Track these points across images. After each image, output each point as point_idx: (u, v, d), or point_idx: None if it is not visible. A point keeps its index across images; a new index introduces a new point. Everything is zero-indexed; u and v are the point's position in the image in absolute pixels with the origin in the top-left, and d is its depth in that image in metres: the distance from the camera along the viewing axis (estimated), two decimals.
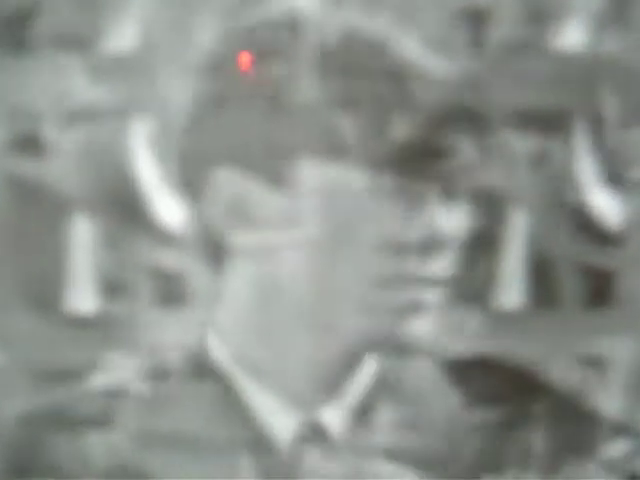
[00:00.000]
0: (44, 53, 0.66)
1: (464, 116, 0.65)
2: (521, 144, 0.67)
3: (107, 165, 0.67)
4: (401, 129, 0.64)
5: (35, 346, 0.67)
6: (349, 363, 0.65)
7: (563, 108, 0.67)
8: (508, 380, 0.66)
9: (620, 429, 0.67)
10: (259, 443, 0.65)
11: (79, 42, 0.66)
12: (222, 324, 0.65)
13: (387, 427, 0.65)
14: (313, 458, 0.65)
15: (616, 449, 0.67)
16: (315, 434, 0.65)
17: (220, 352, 0.65)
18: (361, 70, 0.63)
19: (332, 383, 0.65)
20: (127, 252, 0.67)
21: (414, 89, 0.64)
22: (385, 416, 0.65)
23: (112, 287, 0.67)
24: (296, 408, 0.65)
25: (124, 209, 0.67)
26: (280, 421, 0.65)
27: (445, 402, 0.66)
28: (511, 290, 0.67)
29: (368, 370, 0.66)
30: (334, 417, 0.65)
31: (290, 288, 0.63)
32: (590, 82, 0.67)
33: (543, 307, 0.68)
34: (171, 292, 0.67)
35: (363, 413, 0.65)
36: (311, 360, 0.64)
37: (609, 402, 0.67)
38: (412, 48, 0.64)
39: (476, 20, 0.67)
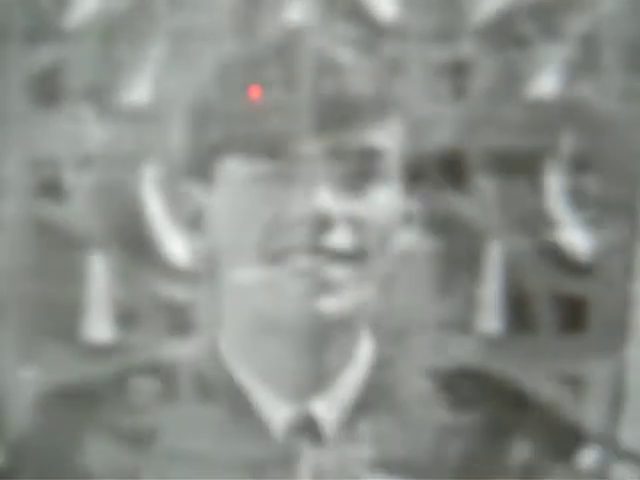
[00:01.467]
0: (66, 104, 0.71)
1: (448, 156, 0.70)
2: (498, 183, 0.71)
3: (121, 206, 0.71)
4: None
5: (59, 368, 0.72)
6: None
7: (537, 150, 0.71)
8: (491, 390, 0.70)
9: (596, 439, 0.71)
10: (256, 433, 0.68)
11: (98, 94, 0.71)
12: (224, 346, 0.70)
13: (373, 432, 0.68)
14: (307, 449, 0.67)
15: (591, 457, 0.70)
16: (308, 426, 0.68)
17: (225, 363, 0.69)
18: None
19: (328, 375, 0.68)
20: (139, 285, 0.72)
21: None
22: (371, 422, 0.68)
23: (126, 317, 0.72)
24: (290, 400, 0.68)
25: (136, 246, 0.71)
26: (275, 412, 0.68)
27: (430, 408, 0.69)
28: (491, 316, 0.71)
29: (362, 360, 0.69)
30: (326, 410, 0.68)
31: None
32: (560, 126, 0.71)
33: (521, 332, 0.71)
34: (179, 321, 0.71)
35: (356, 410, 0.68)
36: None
37: (587, 415, 0.71)
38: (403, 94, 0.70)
39: (458, 71, 0.71)
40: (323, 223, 0.64)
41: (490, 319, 0.71)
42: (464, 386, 0.69)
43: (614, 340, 0.71)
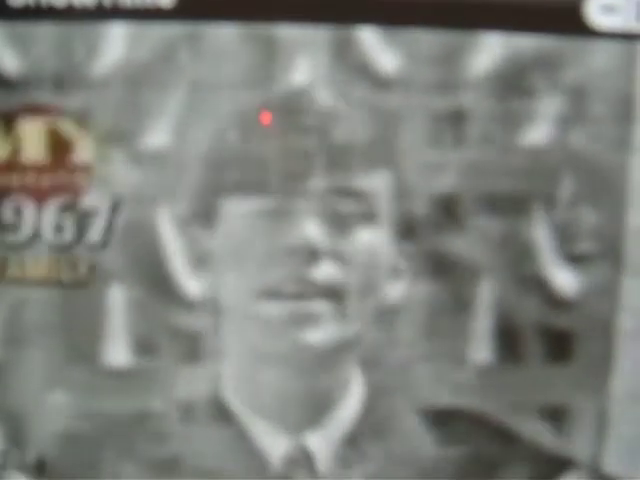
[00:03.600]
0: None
1: (446, 198, 0.75)
2: (492, 225, 0.74)
3: (142, 243, 0.75)
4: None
5: (79, 391, 0.76)
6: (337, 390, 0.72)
7: (528, 194, 0.74)
8: (478, 426, 0.74)
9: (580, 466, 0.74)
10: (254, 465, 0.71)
11: (124, 137, 0.75)
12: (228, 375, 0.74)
13: (367, 461, 0.72)
14: None
15: None
16: (303, 459, 0.72)
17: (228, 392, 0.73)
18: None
19: (321, 409, 0.72)
20: (155, 316, 0.75)
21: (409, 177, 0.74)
22: (366, 450, 0.72)
23: (143, 345, 0.76)
24: (286, 433, 0.71)
25: (154, 280, 0.75)
26: (272, 444, 0.72)
27: (419, 441, 0.73)
28: (481, 348, 0.74)
29: (355, 396, 0.72)
30: (321, 443, 0.72)
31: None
32: (550, 171, 0.74)
33: (509, 363, 0.74)
34: (191, 349, 0.75)
35: (349, 444, 0.72)
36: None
37: (572, 443, 0.75)
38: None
39: (458, 119, 0.75)
40: (310, 256, 0.69)
41: (482, 351, 0.75)
42: (453, 422, 0.73)
43: (598, 372, 0.74)
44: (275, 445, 0.72)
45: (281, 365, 0.71)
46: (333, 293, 0.70)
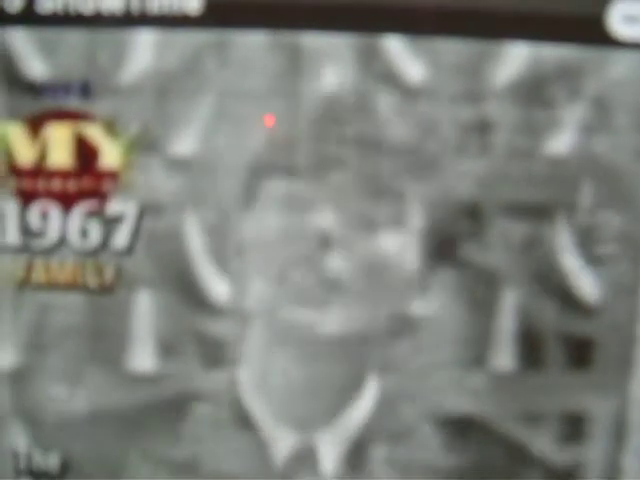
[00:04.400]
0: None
1: (470, 206, 0.75)
2: (515, 232, 0.75)
3: (169, 249, 0.76)
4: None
5: (103, 395, 0.76)
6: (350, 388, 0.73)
7: (550, 201, 0.75)
8: (490, 437, 0.75)
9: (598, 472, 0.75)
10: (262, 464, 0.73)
11: (151, 144, 0.75)
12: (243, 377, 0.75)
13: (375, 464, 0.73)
14: None
15: None
16: (309, 459, 0.73)
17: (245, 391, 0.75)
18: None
19: (332, 408, 0.73)
20: (182, 320, 0.76)
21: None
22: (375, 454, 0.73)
23: (167, 349, 0.77)
24: (295, 431, 0.73)
25: (181, 285, 0.76)
26: (280, 443, 0.73)
27: (427, 446, 0.74)
28: (504, 354, 0.75)
29: (368, 397, 0.73)
30: (329, 445, 0.73)
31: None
32: (574, 180, 0.75)
33: (531, 369, 0.75)
34: (215, 354, 0.76)
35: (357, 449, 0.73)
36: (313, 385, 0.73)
37: (591, 449, 0.76)
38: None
39: (484, 129, 0.75)
40: (324, 244, 0.71)
41: (504, 357, 0.76)
42: (466, 432, 0.74)
43: (618, 378, 0.75)
44: (283, 443, 0.73)
45: (294, 358, 0.72)
46: (341, 286, 0.72)
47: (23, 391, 0.77)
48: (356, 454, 0.73)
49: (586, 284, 0.75)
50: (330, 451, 0.73)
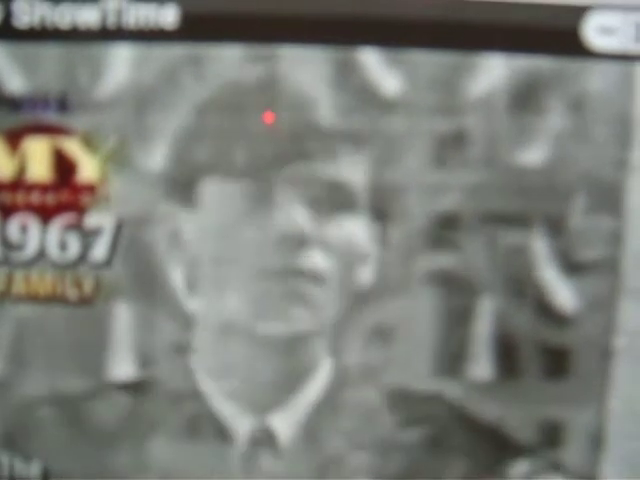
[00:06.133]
0: None
1: (446, 217, 0.76)
2: (492, 241, 0.76)
3: (142, 261, 0.77)
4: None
5: (82, 406, 0.77)
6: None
7: (527, 212, 0.75)
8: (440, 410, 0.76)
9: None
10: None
11: (128, 157, 0.76)
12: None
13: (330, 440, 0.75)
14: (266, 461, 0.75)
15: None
16: (266, 439, 0.75)
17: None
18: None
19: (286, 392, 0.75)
20: (157, 332, 0.77)
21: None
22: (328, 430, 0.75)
23: (144, 359, 0.78)
24: (251, 413, 0.75)
25: (157, 298, 0.77)
26: (237, 424, 0.75)
27: (380, 423, 0.75)
28: (480, 363, 0.76)
29: (321, 376, 0.76)
30: (284, 423, 0.75)
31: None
32: (551, 190, 0.75)
33: (507, 378, 0.75)
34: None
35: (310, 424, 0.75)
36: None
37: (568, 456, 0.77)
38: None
39: (458, 140, 0.75)
40: (298, 243, 0.72)
41: (480, 366, 0.76)
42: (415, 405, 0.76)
43: (595, 389, 0.76)
44: (241, 425, 0.75)
45: (250, 347, 0.74)
46: (316, 280, 0.73)
47: (3, 401, 0.78)
48: (310, 431, 0.76)
49: (563, 294, 0.76)
50: (286, 429, 0.75)
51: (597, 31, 0.74)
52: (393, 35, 0.74)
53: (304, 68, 0.74)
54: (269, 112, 0.74)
